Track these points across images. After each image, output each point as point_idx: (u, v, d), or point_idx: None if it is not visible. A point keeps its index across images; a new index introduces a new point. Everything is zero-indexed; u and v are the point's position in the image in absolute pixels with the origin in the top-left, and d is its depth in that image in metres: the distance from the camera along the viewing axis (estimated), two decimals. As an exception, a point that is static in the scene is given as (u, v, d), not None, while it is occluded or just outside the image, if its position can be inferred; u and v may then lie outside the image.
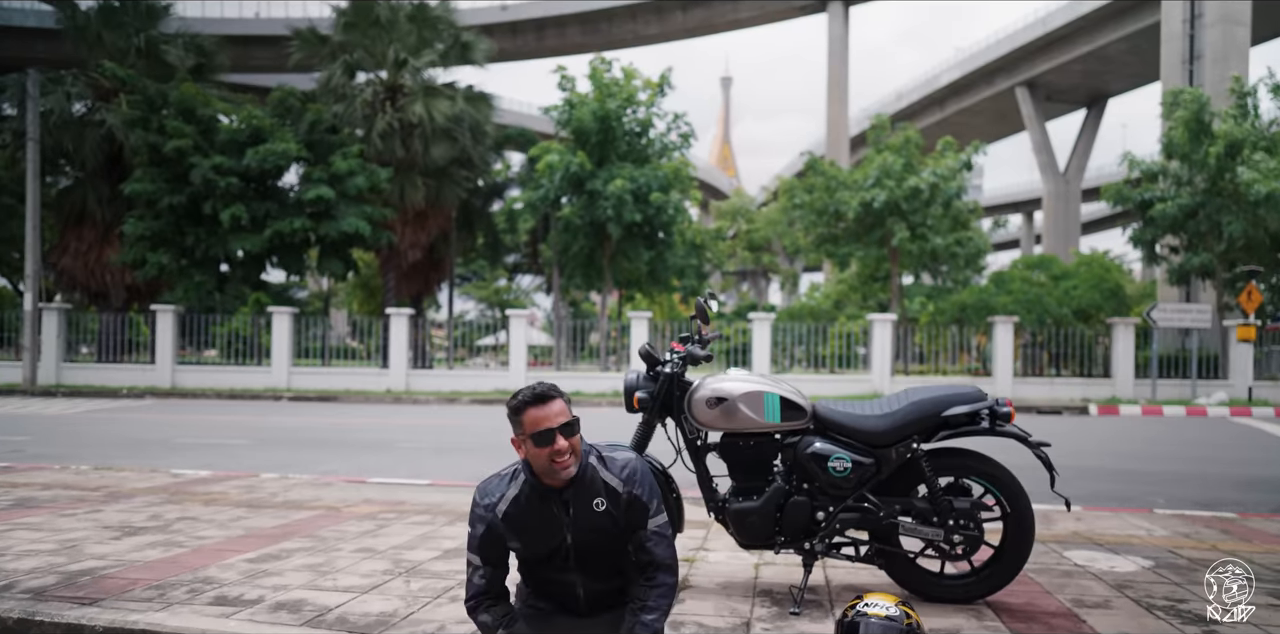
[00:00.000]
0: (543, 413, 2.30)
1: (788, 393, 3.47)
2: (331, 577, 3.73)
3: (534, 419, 2.29)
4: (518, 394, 2.34)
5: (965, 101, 51.59)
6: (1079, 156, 51.91)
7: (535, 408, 2.30)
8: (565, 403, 2.33)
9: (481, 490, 2.45)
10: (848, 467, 3.37)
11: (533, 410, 2.30)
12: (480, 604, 2.42)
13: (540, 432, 2.29)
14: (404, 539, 4.58)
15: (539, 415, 2.29)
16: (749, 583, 3.78)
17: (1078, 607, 3.43)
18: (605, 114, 19.45)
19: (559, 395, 2.35)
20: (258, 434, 10.80)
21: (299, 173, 22.01)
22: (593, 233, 20.22)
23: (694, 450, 3.58)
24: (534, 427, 2.29)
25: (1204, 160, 19.88)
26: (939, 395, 3.43)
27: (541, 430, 2.29)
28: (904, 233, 20.32)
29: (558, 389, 2.37)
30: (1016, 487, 3.43)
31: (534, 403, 2.31)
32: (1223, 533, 5.12)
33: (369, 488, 6.51)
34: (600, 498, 2.41)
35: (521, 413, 2.32)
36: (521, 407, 2.32)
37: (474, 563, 2.43)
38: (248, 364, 20.23)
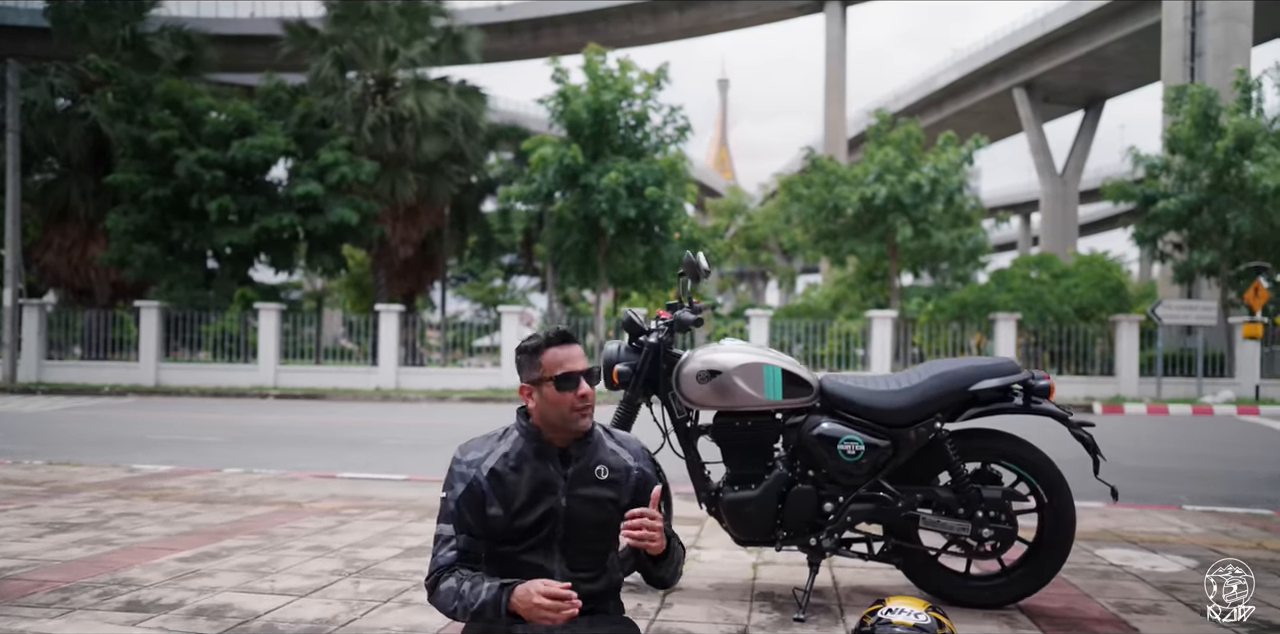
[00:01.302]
0: (565, 352, 1.98)
1: (790, 365, 3.03)
2: (270, 578, 3.29)
3: (558, 359, 1.98)
4: (535, 335, 2.04)
5: (963, 103, 51.29)
6: (1077, 158, 51.63)
7: (559, 347, 1.99)
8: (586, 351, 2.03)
9: (464, 448, 2.08)
10: (860, 450, 2.93)
11: (556, 350, 1.99)
12: (445, 574, 1.96)
13: (566, 374, 1.97)
14: (363, 536, 4.14)
15: (563, 356, 1.98)
16: (746, 585, 3.33)
17: (1125, 612, 2.99)
18: (600, 106, 18.99)
19: (578, 341, 2.05)
20: (236, 432, 10.35)
21: (287, 167, 21.55)
22: (587, 228, 19.74)
23: (683, 433, 3.13)
24: (558, 367, 1.97)
25: (1211, 155, 19.49)
26: (966, 367, 2.99)
27: (568, 372, 1.97)
28: (907, 229, 19.90)
29: (577, 335, 2.08)
30: (1055, 473, 2.99)
31: (557, 342, 1.99)
32: (1263, 531, 4.70)
33: (338, 483, 6.06)
34: (604, 466, 2.06)
35: (540, 353, 1.99)
36: (541, 346, 1.99)
37: (444, 535, 1.99)
38: (235, 362, 19.77)
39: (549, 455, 2.03)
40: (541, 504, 1.99)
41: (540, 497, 2.00)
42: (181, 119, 20.13)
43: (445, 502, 2.03)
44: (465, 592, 1.90)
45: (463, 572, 1.97)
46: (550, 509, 1.99)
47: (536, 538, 2.00)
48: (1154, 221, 20.78)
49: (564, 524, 2.00)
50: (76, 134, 20.52)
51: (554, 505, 1.99)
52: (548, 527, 1.99)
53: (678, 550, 2.03)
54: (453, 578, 1.96)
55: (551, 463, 2.02)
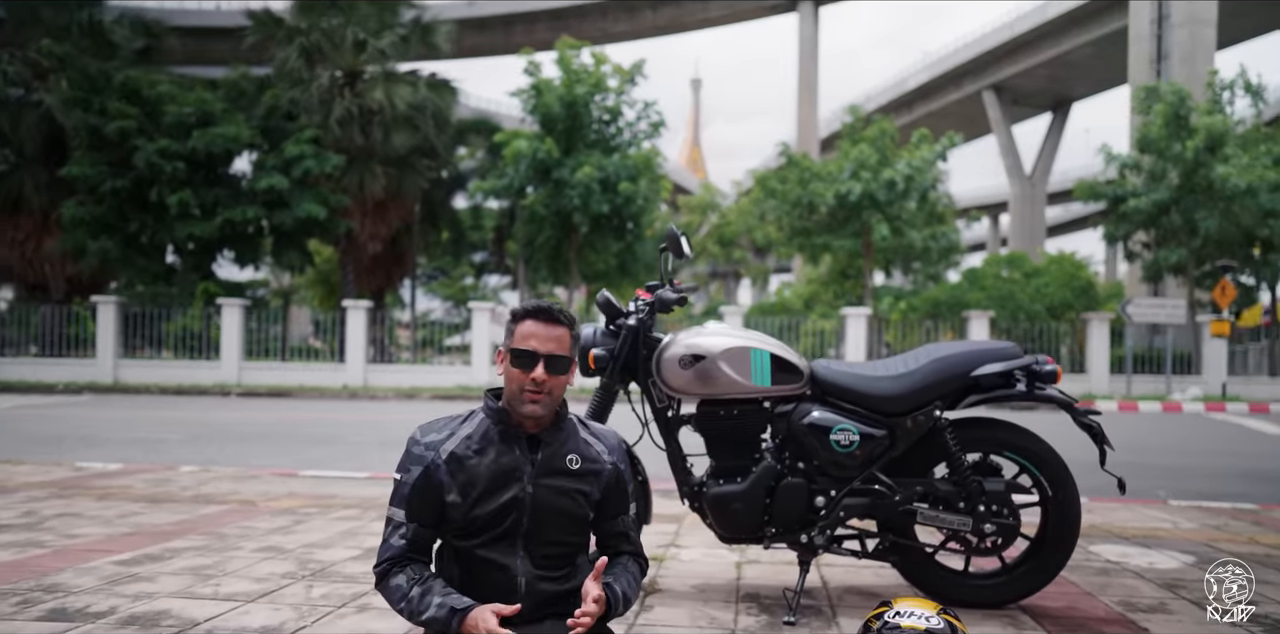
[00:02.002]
0: (539, 330, 1.81)
1: (779, 349, 2.82)
2: (215, 582, 3.02)
3: (525, 332, 1.82)
4: (531, 301, 1.87)
5: (933, 104, 51.68)
6: (1044, 160, 52.23)
7: (535, 321, 1.83)
8: (573, 338, 1.87)
9: (423, 428, 1.88)
10: (854, 440, 2.73)
11: (531, 323, 1.83)
12: (394, 567, 1.79)
13: (523, 350, 1.80)
14: (320, 536, 3.88)
15: (533, 331, 1.82)
16: (730, 585, 3.13)
17: (1131, 611, 2.83)
18: (573, 100, 18.74)
19: (569, 325, 1.85)
20: (195, 429, 9.96)
21: (252, 160, 21.03)
22: (559, 224, 19.48)
23: (663, 423, 2.92)
24: (521, 340, 1.81)
25: (1180, 155, 19.67)
26: (967, 351, 2.80)
27: (525, 348, 1.80)
28: (882, 227, 19.86)
29: (571, 318, 1.87)
30: (1060, 465, 2.82)
31: (536, 315, 1.83)
32: (1254, 525, 4.59)
33: (298, 481, 5.78)
34: (576, 456, 1.87)
35: (519, 321, 1.85)
36: (522, 315, 1.85)
37: (396, 519, 1.81)
38: (197, 359, 19.24)
39: (516, 439, 1.82)
40: (504, 492, 1.78)
41: (503, 484, 1.79)
42: (140, 109, 19.56)
43: (399, 484, 1.82)
44: (414, 598, 1.73)
45: (413, 570, 1.79)
46: (514, 498, 1.79)
47: (498, 531, 1.79)
48: (1124, 221, 20.96)
49: (529, 516, 1.79)
50: (29, 123, 19.85)
51: (518, 494, 1.79)
52: (510, 518, 1.78)
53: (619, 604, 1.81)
54: (402, 575, 1.78)
55: (518, 447, 1.82)
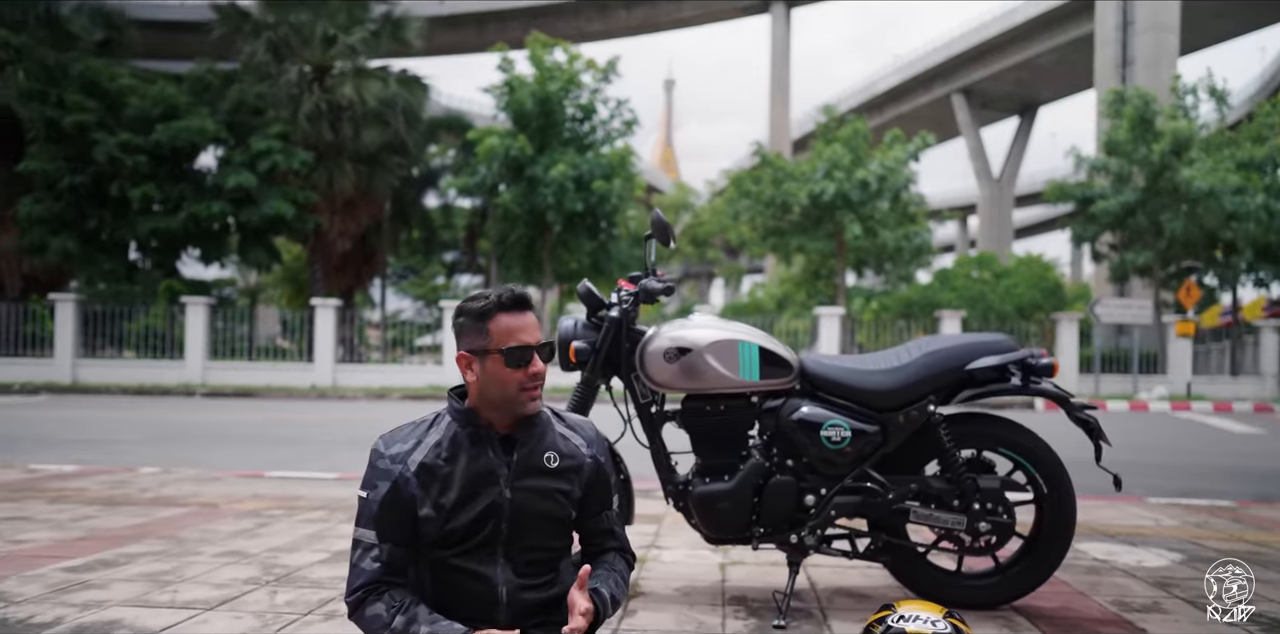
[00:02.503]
0: (520, 321, 1.65)
1: (767, 342, 2.72)
2: (172, 589, 2.85)
3: (509, 328, 1.64)
4: (484, 295, 1.67)
5: (904, 107, 52.11)
6: (1012, 162, 52.91)
7: (510, 314, 1.65)
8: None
9: (386, 439, 1.71)
10: (846, 436, 2.63)
11: (506, 317, 1.65)
12: (370, 594, 1.62)
13: (517, 347, 1.63)
14: (286, 540, 3.71)
15: (517, 324, 1.65)
16: (715, 588, 3.02)
17: (1126, 611, 2.76)
18: (546, 96, 18.56)
19: (534, 308, 1.71)
20: (157, 430, 9.67)
21: (218, 156, 20.59)
22: (532, 222, 19.29)
23: (647, 419, 2.80)
24: (509, 338, 1.64)
25: (1147, 158, 19.94)
26: (961, 344, 2.72)
27: (519, 344, 1.64)
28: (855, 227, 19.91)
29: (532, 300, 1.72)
30: (1055, 461, 2.75)
31: (511, 308, 1.65)
32: (1235, 523, 4.57)
33: (264, 482, 5.59)
34: (554, 453, 1.73)
35: (489, 318, 1.64)
36: (491, 310, 1.64)
37: (365, 541, 1.65)
38: (160, 359, 18.78)
39: (488, 441, 1.68)
40: (481, 499, 1.65)
41: (479, 490, 1.65)
42: (100, 102, 19.06)
43: (366, 502, 1.66)
44: (398, 628, 1.56)
45: (392, 595, 1.62)
46: (491, 504, 1.65)
47: (476, 540, 1.65)
48: (1092, 222, 21.22)
49: (508, 522, 1.66)
50: (-17, 115, 19.30)
51: (496, 500, 1.65)
52: (489, 525, 1.65)
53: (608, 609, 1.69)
54: (380, 602, 1.61)
55: (491, 449, 1.68)
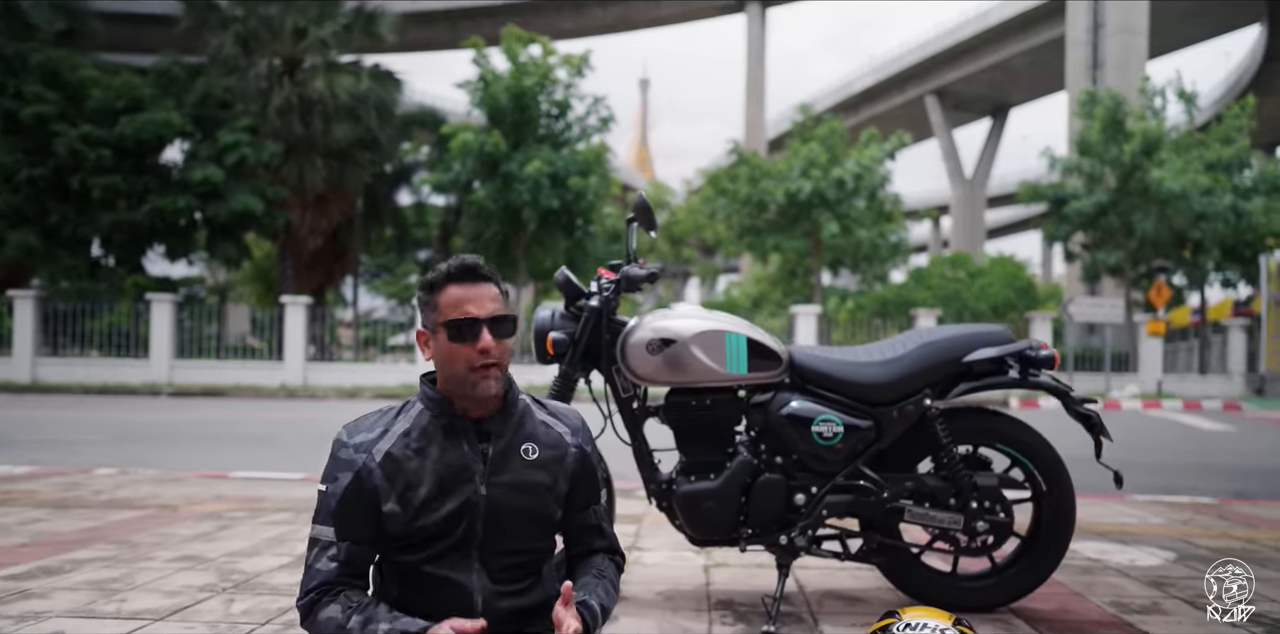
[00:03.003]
0: (469, 293, 1.51)
1: (755, 333, 2.59)
2: (120, 597, 2.67)
3: (454, 299, 1.51)
4: (438, 267, 1.55)
5: (878, 108, 52.42)
6: (984, 163, 53.41)
7: (460, 285, 1.52)
8: (501, 294, 1.57)
9: (350, 428, 1.56)
10: (838, 432, 2.51)
11: (455, 288, 1.51)
12: (324, 596, 1.45)
13: (460, 319, 1.49)
14: (247, 543, 3.53)
15: (462, 295, 1.51)
16: (700, 591, 2.88)
17: (1125, 612, 2.66)
18: (521, 91, 18.34)
19: (494, 279, 1.55)
20: (119, 430, 9.37)
21: (184, 150, 20.13)
22: (507, 219, 19.06)
23: (628, 414, 2.66)
24: (453, 310, 1.50)
25: (1118, 158, 20.13)
26: (958, 335, 2.61)
27: (462, 317, 1.49)
28: (832, 225, 19.90)
29: (495, 272, 1.58)
30: (1054, 457, 2.64)
31: (459, 278, 1.52)
32: (1220, 519, 4.52)
33: (228, 483, 5.38)
34: (533, 444, 1.58)
35: (437, 290, 1.52)
36: (439, 282, 1.52)
37: (323, 539, 1.49)
38: (125, 357, 18.33)
39: (462, 431, 1.53)
40: (453, 496, 1.49)
41: (452, 486, 1.50)
42: (61, 93, 18.56)
43: (324, 497, 1.50)
44: (354, 629, 1.40)
45: (348, 596, 1.46)
46: (465, 502, 1.50)
47: (448, 542, 1.50)
48: (1065, 222, 21.38)
49: (484, 521, 1.51)
50: (-62, 106, 18.73)
51: (470, 497, 1.50)
52: (462, 525, 1.49)
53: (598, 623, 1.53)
54: (335, 604, 1.44)
55: (465, 441, 1.52)
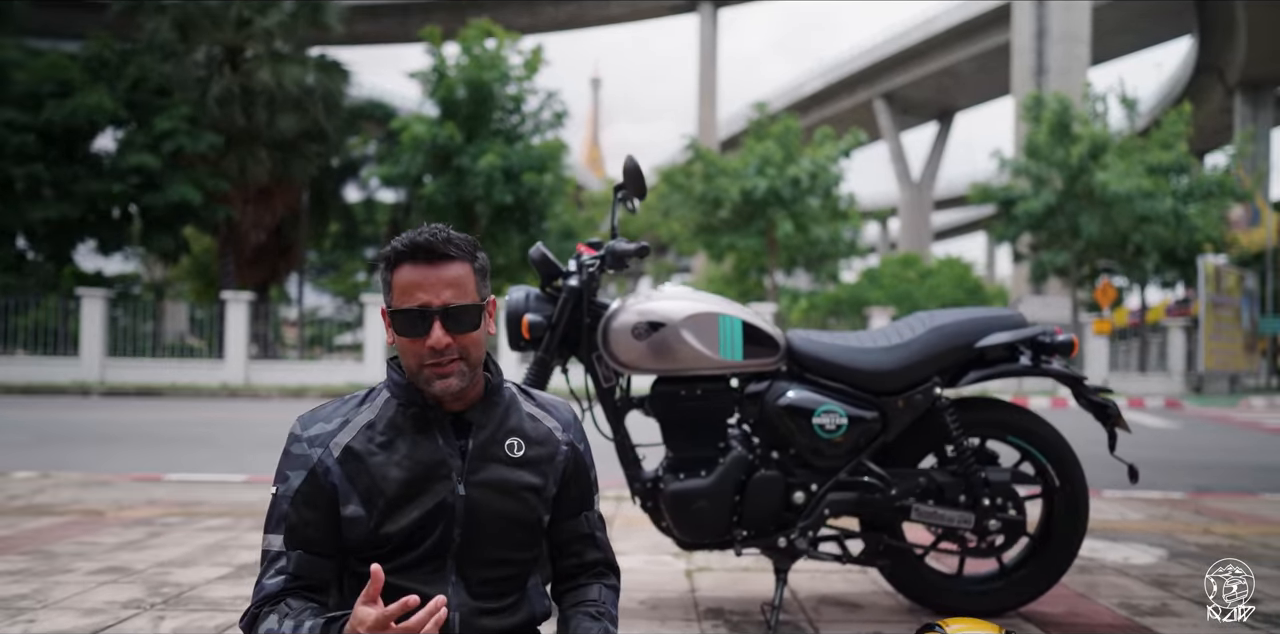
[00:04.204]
0: (424, 276, 1.24)
1: (751, 317, 2.38)
2: (28, 617, 2.34)
3: (406, 283, 1.25)
4: (397, 237, 1.27)
5: (828, 110, 52.95)
6: (931, 166, 54.36)
7: (415, 265, 1.25)
8: (475, 271, 1.29)
9: (305, 419, 1.31)
10: (841, 425, 2.31)
11: (409, 268, 1.25)
12: (264, 608, 1.23)
13: (407, 310, 1.24)
14: (181, 552, 3.20)
15: (416, 279, 1.24)
16: (686, 599, 2.66)
17: (1136, 615, 2.51)
18: (479, 84, 17.95)
19: (464, 255, 1.27)
20: (43, 431, 8.81)
21: (117, 138, 19.25)
22: (459, 214, 18.64)
23: (610, 405, 2.42)
24: (403, 296, 1.25)
25: (1066, 161, 20.49)
26: (969, 318, 2.42)
27: (410, 308, 1.24)
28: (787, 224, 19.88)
29: (468, 244, 1.29)
30: (1066, 450, 2.48)
31: (414, 256, 1.24)
32: (1197, 515, 4.46)
33: (162, 486, 5.01)
34: (518, 439, 1.34)
35: (394, 267, 1.26)
36: (395, 257, 1.26)
37: (272, 550, 1.25)
38: (53, 355, 17.46)
39: (436, 423, 1.29)
40: (425, 497, 1.25)
41: (424, 486, 1.26)
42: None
43: (275, 501, 1.26)
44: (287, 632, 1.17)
45: (289, 604, 1.21)
46: (441, 504, 1.26)
47: (419, 551, 1.25)
48: (1013, 223, 21.71)
49: (461, 528, 1.27)
50: None
51: (446, 498, 1.26)
52: (436, 531, 1.26)
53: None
54: (274, 615, 1.20)
55: (440, 434, 1.28)
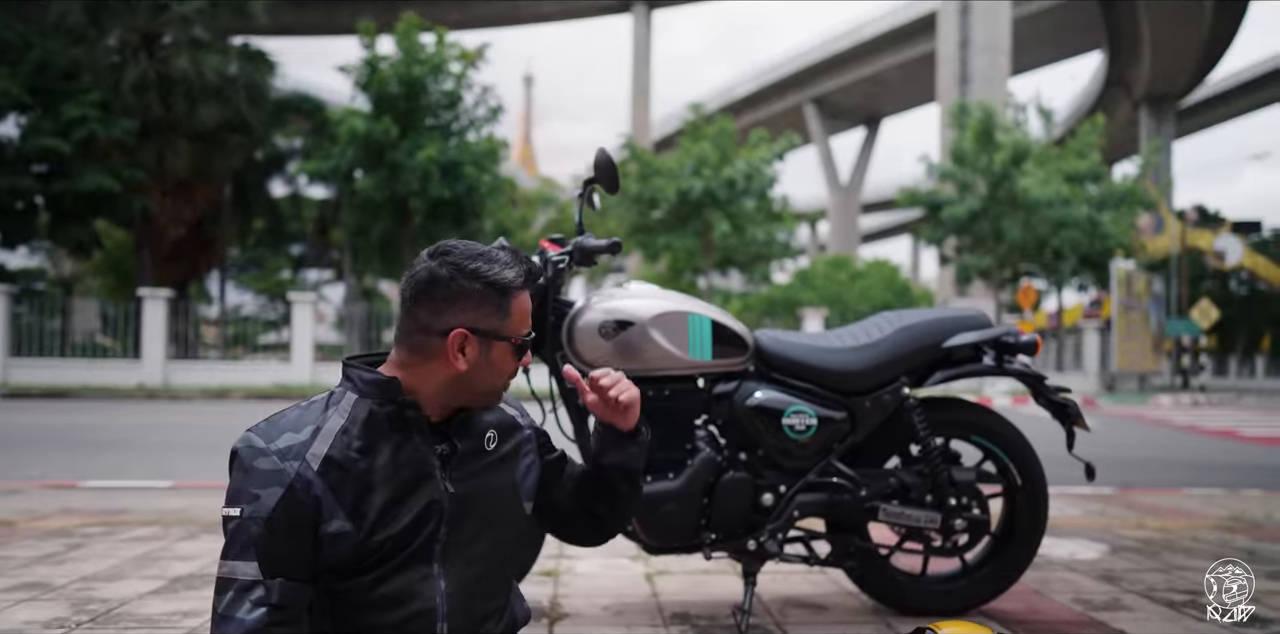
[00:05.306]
0: (528, 305, 1.28)
1: (720, 316, 2.34)
2: (-60, 639, 2.15)
3: (526, 311, 1.27)
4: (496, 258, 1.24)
5: (759, 113, 53.72)
6: (859, 171, 55.66)
7: (526, 295, 1.27)
8: None
9: (264, 431, 1.18)
10: (811, 425, 2.29)
11: (525, 296, 1.26)
12: None
13: (529, 338, 1.28)
14: (106, 565, 3.00)
15: (529, 308, 1.28)
16: (649, 603, 2.60)
17: (1091, 610, 2.56)
18: (413, 78, 17.54)
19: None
20: (-62, 436, 8.26)
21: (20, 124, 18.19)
22: (393, 211, 18.20)
23: (573, 407, 2.35)
24: (523, 324, 1.26)
25: (990, 167, 21.17)
26: (936, 319, 2.43)
27: (529, 336, 1.28)
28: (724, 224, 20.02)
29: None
30: (1027, 449, 2.51)
31: (525, 285, 1.26)
32: (1129, 510, 4.62)
33: (79, 494, 4.72)
34: (493, 431, 1.31)
35: (512, 295, 1.23)
36: (517, 286, 1.24)
37: (242, 579, 1.11)
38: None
39: (413, 422, 1.21)
40: (414, 499, 1.18)
41: (412, 488, 1.18)
42: None
43: (241, 524, 1.12)
44: None
45: None
46: (430, 504, 1.19)
47: (403, 556, 1.17)
48: (940, 226, 22.33)
49: (449, 525, 1.20)
50: None
51: (435, 497, 1.19)
52: (423, 533, 1.18)
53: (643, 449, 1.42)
54: None
55: (418, 433, 1.21)
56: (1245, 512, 4.47)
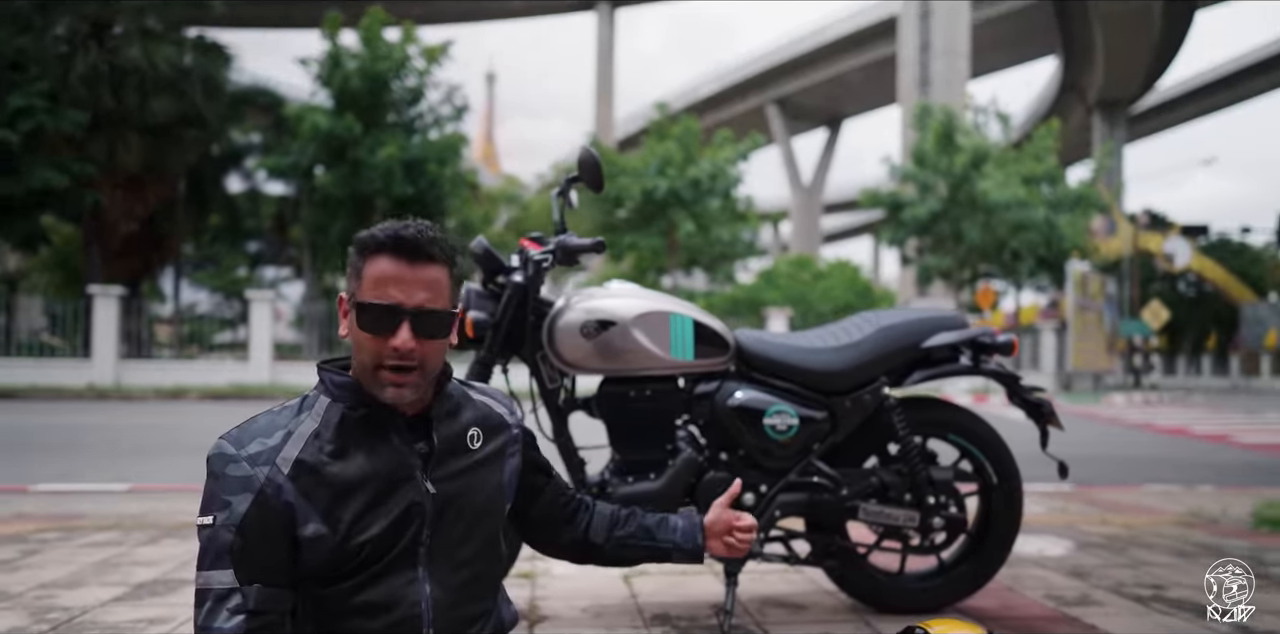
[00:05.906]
0: (402, 272, 1.14)
1: (702, 316, 2.33)
2: (-108, 651, 2.06)
3: (381, 274, 1.14)
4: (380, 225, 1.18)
5: (723, 114, 54.02)
6: (821, 172, 56.20)
7: (395, 259, 1.14)
8: (452, 278, 1.20)
9: (235, 437, 1.15)
10: (792, 425, 2.29)
11: (387, 261, 1.14)
12: None
13: (377, 304, 1.13)
14: (65, 571, 2.90)
15: (393, 273, 1.14)
16: (629, 605, 2.59)
17: (1063, 606, 2.60)
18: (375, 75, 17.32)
19: (446, 259, 1.18)
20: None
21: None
22: (355, 208, 17.95)
23: (553, 407, 2.33)
24: (374, 288, 1.14)
25: (950, 169, 21.51)
26: (915, 319, 2.45)
27: (380, 303, 1.13)
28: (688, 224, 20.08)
29: (452, 249, 1.19)
30: (1003, 448, 2.54)
31: (396, 250, 1.14)
32: (1090, 506, 4.72)
33: (30, 498, 4.58)
34: (477, 429, 1.26)
35: (370, 254, 1.15)
36: (374, 245, 1.15)
37: (219, 588, 1.08)
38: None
39: (389, 422, 1.18)
40: (392, 502, 1.15)
41: (391, 490, 1.15)
42: None
43: (215, 532, 1.10)
44: None
45: None
46: (411, 506, 1.15)
47: (387, 560, 1.14)
48: (901, 227, 22.63)
49: (431, 527, 1.17)
50: None
51: (415, 499, 1.16)
52: (405, 537, 1.15)
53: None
54: None
55: (395, 433, 1.18)
56: (1202, 507, 4.59)
